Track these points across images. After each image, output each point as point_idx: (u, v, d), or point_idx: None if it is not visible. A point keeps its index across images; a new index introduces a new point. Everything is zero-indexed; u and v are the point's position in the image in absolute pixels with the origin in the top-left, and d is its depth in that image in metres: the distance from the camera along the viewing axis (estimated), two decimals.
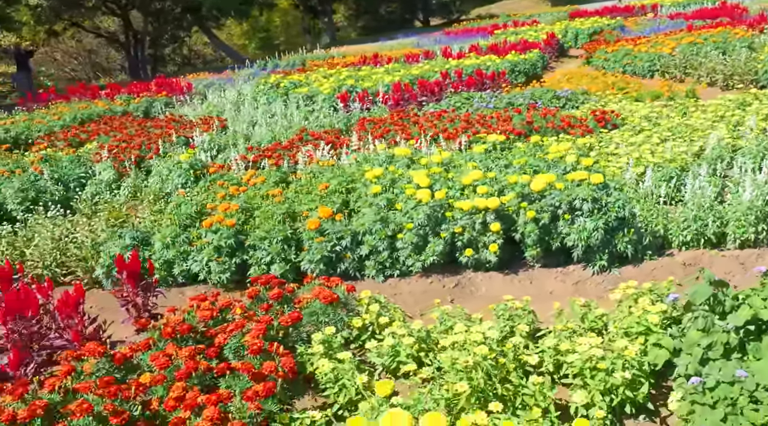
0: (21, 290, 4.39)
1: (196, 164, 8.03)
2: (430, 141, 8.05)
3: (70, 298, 4.33)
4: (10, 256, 6.29)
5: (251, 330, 3.97)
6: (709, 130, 8.30)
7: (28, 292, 4.40)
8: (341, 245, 5.62)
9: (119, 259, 4.83)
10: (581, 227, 5.23)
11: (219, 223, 5.83)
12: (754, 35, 14.49)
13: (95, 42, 35.32)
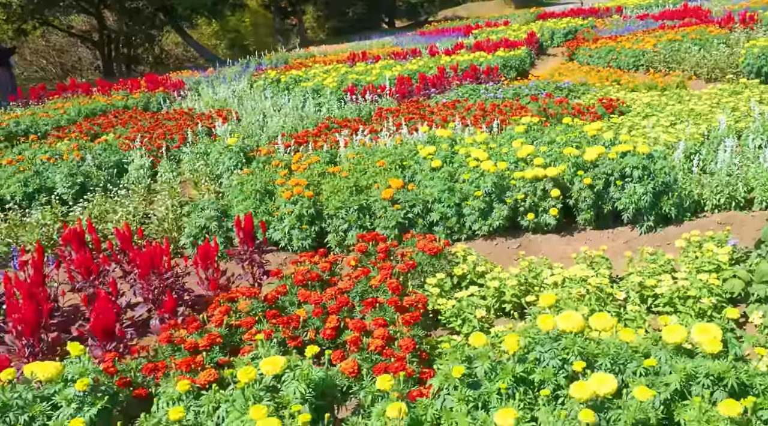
0: (154, 248, 4.84)
1: (246, 148, 8.48)
2: (453, 125, 8.66)
3: (210, 252, 4.80)
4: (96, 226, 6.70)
5: (376, 276, 4.53)
6: (708, 114, 9.13)
7: (158, 250, 4.86)
8: (413, 212, 6.19)
9: (238, 222, 5.32)
10: (632, 192, 5.91)
11: (298, 195, 6.34)
12: (727, 33, 15.54)
13: (64, 41, 34.97)
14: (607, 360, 2.99)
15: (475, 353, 3.16)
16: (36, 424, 3.01)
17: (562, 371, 3.02)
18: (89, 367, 3.20)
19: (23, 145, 10.83)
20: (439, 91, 12.86)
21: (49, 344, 4.14)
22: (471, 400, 2.94)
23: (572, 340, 3.04)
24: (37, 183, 8.45)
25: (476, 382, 3.05)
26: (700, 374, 2.77)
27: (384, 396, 3.07)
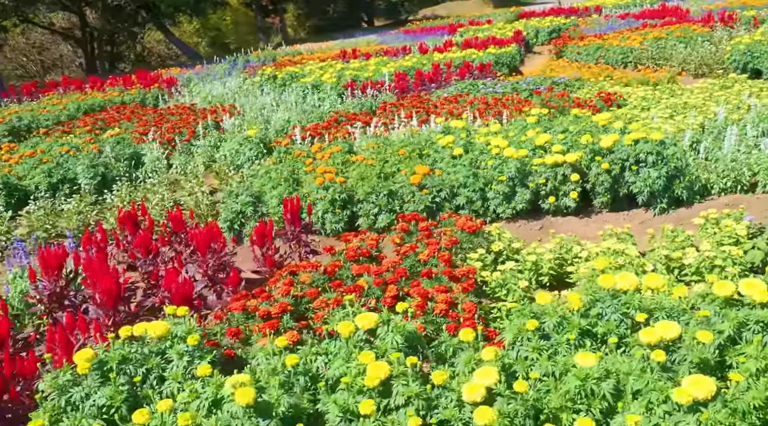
0: (210, 228, 5.13)
1: (266, 139, 8.77)
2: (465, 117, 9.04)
3: (267, 231, 5.10)
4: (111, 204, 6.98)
5: (424, 251, 4.87)
6: (702, 106, 9.63)
7: (214, 229, 5.15)
8: (440, 197, 6.54)
9: (286, 203, 5.63)
10: (646, 176, 6.34)
11: (329, 180, 6.65)
12: (710, 31, 16.16)
13: (44, 38, 34.72)
14: (663, 313, 3.37)
15: (542, 310, 3.52)
16: (152, 375, 3.30)
17: (623, 324, 3.39)
18: (194, 325, 3.50)
19: (35, 139, 10.97)
20: (438, 86, 13.22)
21: (127, 314, 4.42)
22: (544, 349, 3.30)
23: (631, 296, 3.42)
24: (61, 174, 8.64)
25: (546, 335, 3.41)
26: (750, 321, 3.16)
27: (463, 348, 3.42)
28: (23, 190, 8.50)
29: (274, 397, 2.85)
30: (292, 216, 5.50)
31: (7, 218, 7.38)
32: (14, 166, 8.87)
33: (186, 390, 3.05)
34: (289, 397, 2.88)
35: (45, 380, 3.22)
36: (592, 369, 2.88)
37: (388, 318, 3.37)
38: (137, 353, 3.32)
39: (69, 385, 3.18)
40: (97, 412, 3.07)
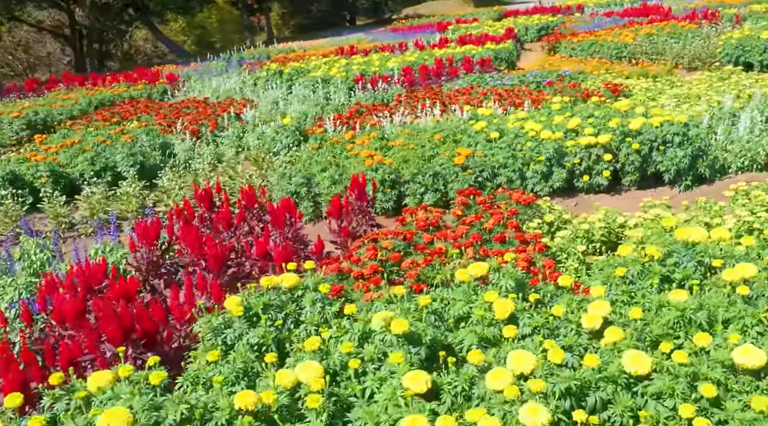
0: (285, 203, 5.55)
1: (301, 127, 9.18)
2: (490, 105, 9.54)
3: (344, 206, 5.54)
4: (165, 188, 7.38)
5: (489, 220, 5.35)
6: (705, 96, 10.24)
7: (289, 204, 5.57)
8: (482, 176, 7.03)
9: (354, 179, 6.06)
10: (673, 155, 6.89)
11: (378, 162, 7.11)
12: (698, 28, 16.90)
13: (30, 36, 34.56)
14: (733, 260, 3.88)
15: (624, 261, 4.02)
16: (289, 320, 3.73)
17: (697, 270, 3.90)
18: (320, 277, 3.94)
19: (63, 131, 11.23)
20: (448, 79, 13.71)
21: (230, 277, 4.83)
22: (631, 294, 3.79)
23: (705, 246, 3.93)
24: (103, 162, 8.96)
25: (630, 281, 3.91)
26: None
27: (558, 294, 3.90)
28: (68, 177, 8.81)
29: (421, 329, 3.30)
30: (359, 192, 5.93)
31: (61, 202, 7.70)
32: (54, 155, 9.15)
33: (334, 327, 3.49)
34: (432, 329, 3.34)
35: (199, 323, 3.64)
36: (687, 302, 3.38)
37: (498, 266, 3.84)
38: (276, 300, 3.74)
39: (222, 327, 3.59)
40: (250, 350, 3.48)
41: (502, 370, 2.87)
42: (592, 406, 2.78)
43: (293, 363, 3.22)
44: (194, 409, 2.70)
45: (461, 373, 2.97)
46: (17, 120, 13.39)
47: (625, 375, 2.85)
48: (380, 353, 3.20)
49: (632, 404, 2.77)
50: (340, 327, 3.46)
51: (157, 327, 3.72)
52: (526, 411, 2.54)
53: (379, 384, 2.96)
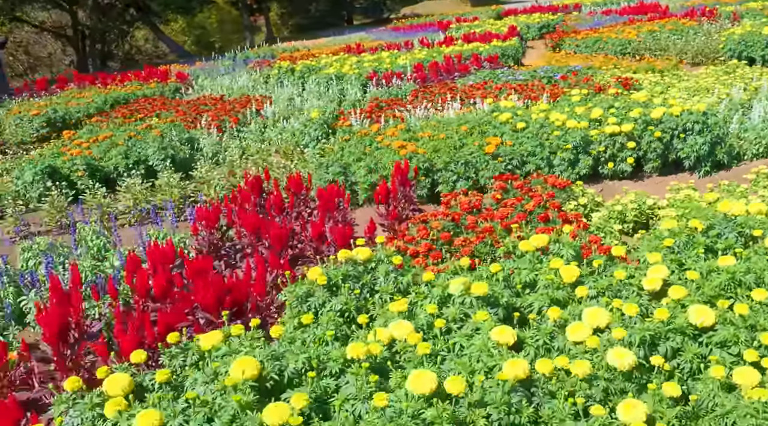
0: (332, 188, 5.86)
1: (328, 120, 9.48)
2: (511, 98, 9.87)
3: (391, 191, 5.85)
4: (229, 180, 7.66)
5: (529, 202, 5.67)
6: (713, 88, 10.60)
7: (336, 190, 5.87)
8: (512, 164, 7.35)
9: (397, 166, 6.37)
10: (693, 142, 7.23)
11: (412, 152, 7.42)
12: (699, 25, 17.31)
13: (30, 37, 34.71)
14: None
15: (670, 233, 4.34)
16: (365, 289, 4.03)
17: (738, 241, 4.23)
18: (392, 251, 4.25)
19: (89, 127, 11.49)
20: (460, 75, 14.03)
21: (291, 256, 5.13)
22: (680, 262, 4.11)
23: (744, 218, 4.27)
24: (136, 156, 9.23)
25: (677, 251, 4.24)
26: None
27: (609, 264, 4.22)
28: (102, 170, 9.07)
29: (498, 292, 3.61)
30: (402, 178, 6.24)
31: (103, 194, 7.98)
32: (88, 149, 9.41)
33: (413, 293, 3.80)
34: (507, 291, 3.65)
35: (285, 292, 3.94)
36: (736, 266, 3.70)
37: (557, 238, 4.16)
38: (353, 272, 4.05)
39: (306, 296, 3.89)
40: (334, 316, 3.78)
41: (580, 324, 3.19)
42: (663, 354, 3.10)
43: (382, 324, 3.51)
44: (311, 359, 3.00)
45: (541, 328, 3.29)
46: (37, 118, 13.62)
47: (691, 327, 3.17)
48: (461, 314, 3.51)
49: (699, 352, 3.09)
50: (419, 292, 3.76)
51: (246, 297, 4.01)
52: (614, 354, 2.85)
53: (467, 339, 3.27)
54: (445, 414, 2.55)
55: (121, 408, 2.87)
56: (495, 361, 3.01)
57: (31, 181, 8.54)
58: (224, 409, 2.66)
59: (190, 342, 3.36)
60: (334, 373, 3.01)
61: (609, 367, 2.89)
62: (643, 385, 2.90)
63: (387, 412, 2.61)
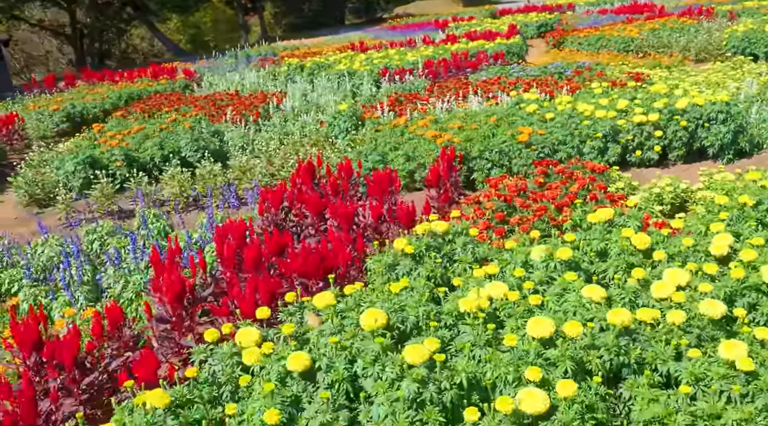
0: (386, 173, 6.16)
1: (357, 112, 9.78)
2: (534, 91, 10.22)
3: (442, 174, 6.16)
4: (267, 169, 7.94)
5: (574, 185, 6.00)
6: (723, 83, 11.02)
7: (388, 175, 6.17)
8: (544, 152, 7.69)
9: (443, 152, 6.68)
10: (717, 131, 7.61)
11: (448, 140, 7.73)
12: (699, 23, 17.79)
13: (26, 36, 34.67)
14: None
15: (721, 207, 4.69)
16: (444, 259, 4.34)
17: None
18: (468, 225, 4.56)
19: (115, 120, 11.71)
20: (471, 71, 14.37)
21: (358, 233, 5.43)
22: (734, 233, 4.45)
23: None
24: (170, 147, 9.48)
25: (730, 224, 4.58)
26: None
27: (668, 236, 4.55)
28: (138, 160, 9.31)
29: (578, 257, 3.93)
30: (448, 164, 6.55)
31: (145, 181, 8.23)
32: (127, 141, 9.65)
33: (495, 260, 4.11)
34: (585, 257, 3.98)
35: (372, 260, 4.24)
36: None
37: (621, 211, 4.49)
38: (434, 243, 4.35)
39: (393, 264, 4.19)
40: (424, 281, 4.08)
41: (663, 283, 3.52)
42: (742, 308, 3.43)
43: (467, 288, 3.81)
44: (429, 312, 3.31)
45: (626, 287, 3.61)
46: (57, 113, 13.80)
47: (765, 284, 3.50)
48: (546, 277, 3.82)
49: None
50: (502, 259, 4.08)
51: (336, 265, 4.30)
52: (707, 305, 3.18)
53: (557, 298, 3.59)
54: (568, 353, 2.86)
55: (257, 356, 3.15)
56: (592, 313, 3.32)
57: (73, 171, 8.77)
58: (364, 352, 2.96)
59: (304, 301, 3.65)
60: (448, 324, 3.32)
61: (699, 316, 3.21)
62: (730, 333, 3.22)
63: (515, 353, 2.93)
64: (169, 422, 2.77)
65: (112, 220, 7.49)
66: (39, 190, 8.77)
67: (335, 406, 2.79)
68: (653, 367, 2.94)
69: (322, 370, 2.92)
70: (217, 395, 3.09)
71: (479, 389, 2.86)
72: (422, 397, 2.71)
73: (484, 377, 2.86)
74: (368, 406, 2.83)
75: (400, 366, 2.84)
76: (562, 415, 2.58)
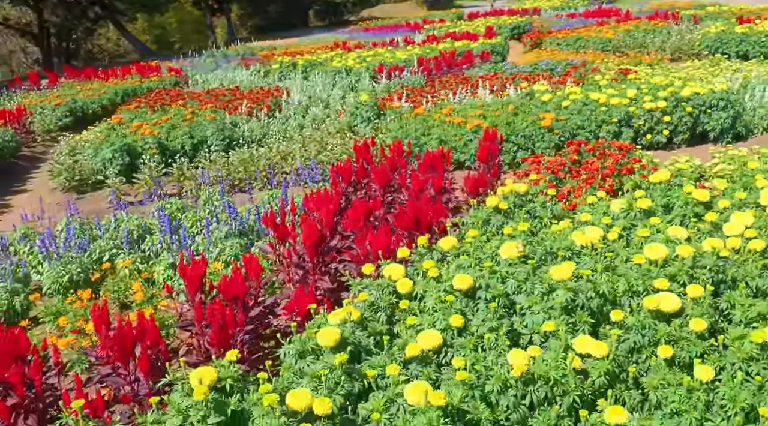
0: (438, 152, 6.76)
1: (376, 103, 10.36)
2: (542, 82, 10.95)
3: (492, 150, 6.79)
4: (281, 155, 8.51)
5: (608, 160, 6.71)
6: (706, 78, 11.96)
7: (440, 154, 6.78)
8: (564, 136, 8.40)
9: (486, 133, 7.29)
10: (718, 117, 8.45)
11: (477, 126, 8.38)
12: (668, 25, 18.94)
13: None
14: None
15: (752, 172, 5.44)
16: (527, 214, 4.96)
17: None
18: (544, 185, 5.20)
19: (130, 112, 12.01)
20: (467, 67, 15.08)
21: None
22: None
23: None
24: (199, 136, 9.89)
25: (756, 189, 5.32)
26: None
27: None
28: (169, 148, 9.70)
29: (655, 207, 4.61)
30: (490, 142, 7.18)
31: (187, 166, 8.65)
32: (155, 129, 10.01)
33: (578, 213, 4.75)
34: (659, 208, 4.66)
35: (470, 215, 4.84)
36: None
37: (677, 173, 5.19)
38: (518, 200, 4.98)
39: (486, 218, 4.80)
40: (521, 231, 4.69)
41: (733, 223, 4.21)
42: None
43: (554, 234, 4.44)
44: (553, 247, 3.93)
45: (701, 227, 4.30)
46: (59, 108, 13.98)
47: None
48: (629, 223, 4.49)
49: None
50: (584, 212, 4.72)
51: (434, 220, 4.88)
52: None
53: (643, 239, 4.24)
54: (684, 268, 3.51)
55: (409, 286, 3.71)
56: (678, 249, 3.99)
57: (110, 157, 9.11)
58: (514, 274, 3.55)
59: (433, 245, 4.23)
60: (567, 256, 3.94)
61: None
62: None
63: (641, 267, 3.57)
64: (358, 333, 3.30)
65: (161, 201, 7.89)
66: (78, 177, 9.08)
67: (498, 315, 3.38)
68: (745, 283, 3.61)
69: (482, 289, 3.51)
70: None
71: (610, 302, 3.48)
72: (575, 303, 3.32)
73: (616, 290, 3.48)
74: (521, 317, 3.42)
75: (548, 283, 3.45)
76: (692, 311, 3.22)
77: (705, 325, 3.10)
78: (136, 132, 9.89)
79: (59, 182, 9.12)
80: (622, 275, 3.51)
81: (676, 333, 3.13)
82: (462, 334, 3.27)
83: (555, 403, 2.75)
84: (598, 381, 2.88)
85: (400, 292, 3.72)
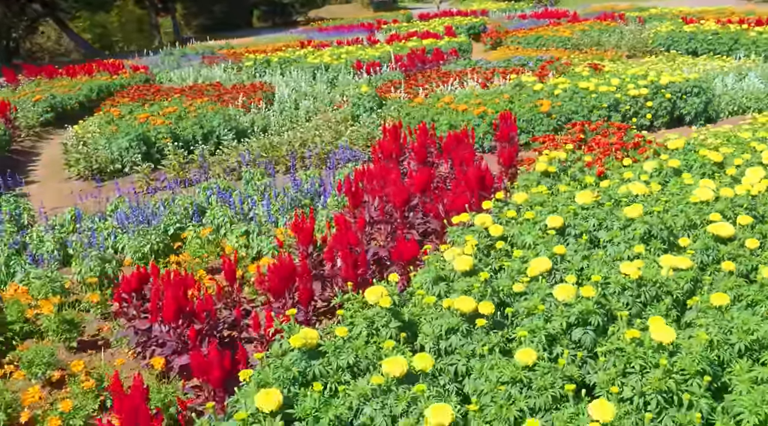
0: (463, 133, 7.46)
1: (376, 94, 10.99)
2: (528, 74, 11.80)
3: (511, 132, 7.52)
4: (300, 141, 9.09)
5: (612, 138, 7.56)
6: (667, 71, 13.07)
7: (465, 135, 7.48)
8: (561, 121, 9.24)
9: (501, 115, 8.02)
10: (693, 102, 9.46)
11: (483, 111, 9.13)
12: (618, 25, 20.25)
13: None
14: None
15: (746, 140, 6.34)
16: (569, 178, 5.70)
17: None
18: (582, 154, 5.95)
19: (125, 106, 12.26)
20: (443, 63, 15.82)
21: None
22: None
23: None
24: (208, 126, 10.31)
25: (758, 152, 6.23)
26: None
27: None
28: (180, 138, 10.07)
29: (682, 166, 5.42)
30: (509, 124, 7.91)
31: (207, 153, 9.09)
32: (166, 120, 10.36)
33: (615, 173, 5.52)
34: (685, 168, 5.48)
35: (521, 178, 5.55)
36: None
37: (688, 140, 6.04)
38: (561, 166, 5.71)
39: (537, 180, 5.52)
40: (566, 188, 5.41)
41: (749, 177, 5.04)
42: None
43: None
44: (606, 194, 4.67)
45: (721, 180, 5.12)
46: (39, 103, 14.04)
47: None
48: (663, 180, 5.28)
49: None
50: (625, 170, 5.50)
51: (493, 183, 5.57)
52: None
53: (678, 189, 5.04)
54: (728, 205, 4.31)
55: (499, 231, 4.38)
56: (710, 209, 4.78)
57: (127, 147, 9.43)
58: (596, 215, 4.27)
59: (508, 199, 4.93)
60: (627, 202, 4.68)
61: None
62: None
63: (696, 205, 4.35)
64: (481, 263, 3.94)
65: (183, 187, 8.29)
66: (96, 166, 9.37)
67: (586, 247, 4.08)
68: None
69: (571, 227, 4.21)
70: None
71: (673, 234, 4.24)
72: (651, 233, 4.06)
73: (675, 225, 4.25)
74: (602, 249, 4.13)
75: (624, 219, 4.18)
76: (743, 235, 4.01)
77: (758, 244, 3.89)
78: (145, 123, 10.22)
79: (77, 171, 9.38)
80: (683, 212, 4.27)
81: (734, 251, 3.91)
82: (562, 261, 3.96)
83: (662, 300, 3.47)
84: (685, 286, 3.62)
85: (492, 235, 4.38)
